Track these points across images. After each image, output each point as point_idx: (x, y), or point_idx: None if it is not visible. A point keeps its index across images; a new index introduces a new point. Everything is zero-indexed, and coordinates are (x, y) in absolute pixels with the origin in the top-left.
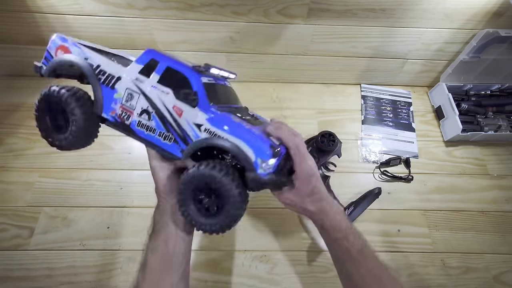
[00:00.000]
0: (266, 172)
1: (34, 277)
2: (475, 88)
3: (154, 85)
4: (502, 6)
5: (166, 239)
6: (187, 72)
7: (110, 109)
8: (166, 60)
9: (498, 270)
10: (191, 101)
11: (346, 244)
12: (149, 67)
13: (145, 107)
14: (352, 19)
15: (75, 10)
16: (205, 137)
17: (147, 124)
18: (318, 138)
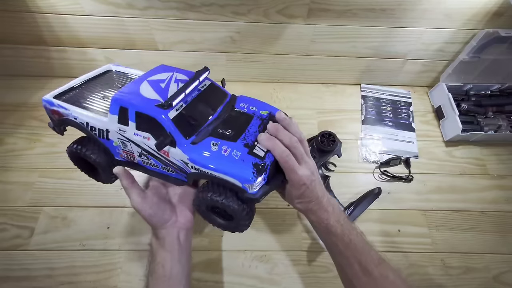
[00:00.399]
0: (256, 190)
1: (34, 277)
2: (475, 88)
3: (135, 132)
4: (502, 6)
5: (163, 262)
6: (155, 114)
7: (118, 154)
8: (133, 105)
9: (498, 270)
10: (170, 143)
11: (334, 239)
12: (123, 115)
13: (139, 151)
14: (352, 19)
15: (75, 10)
16: (194, 171)
17: (149, 162)
18: (318, 138)
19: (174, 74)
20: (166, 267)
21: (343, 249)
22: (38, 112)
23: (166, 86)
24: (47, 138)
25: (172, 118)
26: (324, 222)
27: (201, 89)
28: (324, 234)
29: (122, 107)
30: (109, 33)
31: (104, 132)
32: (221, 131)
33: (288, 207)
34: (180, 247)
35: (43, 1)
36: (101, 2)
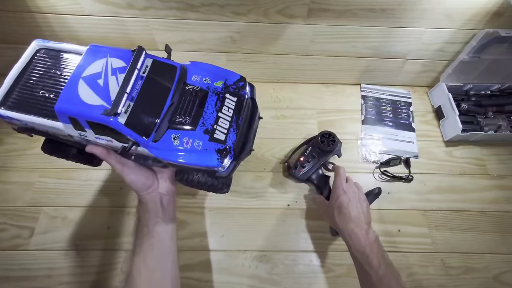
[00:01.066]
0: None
1: (34, 277)
2: (475, 88)
3: (96, 137)
4: (502, 6)
5: (147, 223)
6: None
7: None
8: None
9: (498, 270)
10: (133, 144)
11: (368, 269)
12: (75, 123)
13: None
14: (352, 19)
15: (75, 10)
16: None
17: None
18: (318, 138)
19: (109, 61)
20: (149, 227)
21: (375, 282)
22: None
23: (105, 82)
24: None
25: (124, 123)
26: (362, 249)
27: (144, 75)
28: (359, 262)
29: (71, 117)
30: (109, 33)
31: (68, 136)
32: (179, 119)
33: (288, 207)
34: (163, 209)
35: (43, 1)
36: (101, 2)
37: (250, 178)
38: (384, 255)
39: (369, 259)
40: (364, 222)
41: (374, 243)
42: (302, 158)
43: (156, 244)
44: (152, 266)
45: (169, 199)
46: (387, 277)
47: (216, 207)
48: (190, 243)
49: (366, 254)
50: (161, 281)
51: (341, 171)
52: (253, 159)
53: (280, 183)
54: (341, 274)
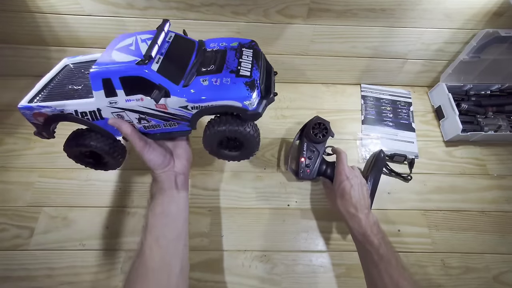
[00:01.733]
0: (255, 106)
1: (34, 277)
2: (475, 88)
3: (126, 99)
4: (502, 6)
5: (161, 202)
6: (139, 73)
7: (117, 132)
8: (114, 73)
9: (498, 270)
10: (164, 94)
11: (369, 248)
12: (108, 87)
13: (137, 116)
14: (352, 19)
15: (75, 10)
16: (196, 111)
17: (150, 124)
18: (310, 132)
19: (137, 36)
20: (164, 206)
21: (377, 260)
22: None
23: (136, 47)
24: None
25: (156, 71)
26: (362, 230)
27: (170, 41)
28: (360, 242)
29: (104, 79)
30: (109, 33)
31: (96, 112)
32: (205, 69)
33: (288, 207)
34: (177, 189)
35: (43, 1)
36: (101, 2)
37: (250, 178)
38: (384, 236)
39: (369, 238)
40: (364, 206)
41: (374, 225)
42: (302, 159)
43: (169, 223)
44: (164, 246)
45: (183, 180)
46: (387, 255)
47: (216, 207)
48: (190, 243)
49: (367, 234)
50: (172, 262)
51: (343, 156)
52: (253, 159)
53: (280, 183)
54: (341, 274)
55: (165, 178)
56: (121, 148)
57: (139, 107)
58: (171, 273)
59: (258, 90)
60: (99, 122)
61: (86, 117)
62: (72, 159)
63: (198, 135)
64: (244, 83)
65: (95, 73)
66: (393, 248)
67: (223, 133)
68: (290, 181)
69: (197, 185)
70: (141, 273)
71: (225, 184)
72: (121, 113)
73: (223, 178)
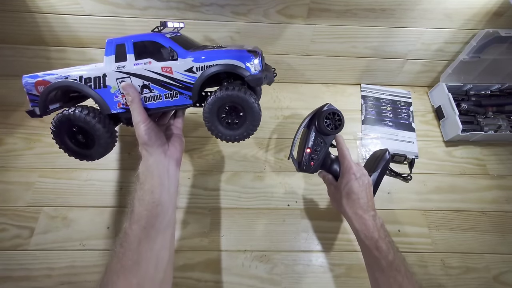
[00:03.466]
0: (257, 71)
1: (34, 277)
2: (475, 88)
3: (135, 63)
4: (502, 6)
5: (152, 189)
6: (152, 37)
7: (115, 103)
8: (129, 39)
9: (498, 270)
10: (172, 56)
11: (377, 254)
12: (120, 52)
13: (140, 83)
14: (352, 19)
15: (75, 10)
16: (200, 73)
17: (151, 95)
18: (322, 122)
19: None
20: (155, 194)
21: (385, 266)
22: None
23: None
24: (47, 138)
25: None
26: (370, 234)
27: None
28: (367, 247)
29: (118, 44)
30: (109, 33)
31: (101, 79)
32: (211, 46)
33: (288, 207)
34: (169, 177)
35: (43, 1)
36: (101, 2)
37: (250, 178)
38: (391, 239)
39: (378, 243)
40: (371, 208)
41: (381, 228)
42: (309, 150)
43: (161, 213)
44: (153, 237)
45: (175, 169)
46: (396, 262)
47: (216, 207)
48: (190, 243)
49: (375, 239)
50: (160, 254)
51: (346, 152)
52: (253, 159)
53: (280, 183)
54: (340, 274)
55: (157, 162)
56: (112, 128)
57: (145, 71)
58: (159, 265)
59: (259, 59)
60: (99, 91)
61: (89, 83)
62: (57, 139)
63: (194, 135)
64: (247, 50)
65: (111, 40)
66: (400, 252)
67: (229, 98)
68: (290, 181)
69: (197, 185)
70: (126, 264)
71: (225, 184)
72: (125, 79)
73: (223, 178)
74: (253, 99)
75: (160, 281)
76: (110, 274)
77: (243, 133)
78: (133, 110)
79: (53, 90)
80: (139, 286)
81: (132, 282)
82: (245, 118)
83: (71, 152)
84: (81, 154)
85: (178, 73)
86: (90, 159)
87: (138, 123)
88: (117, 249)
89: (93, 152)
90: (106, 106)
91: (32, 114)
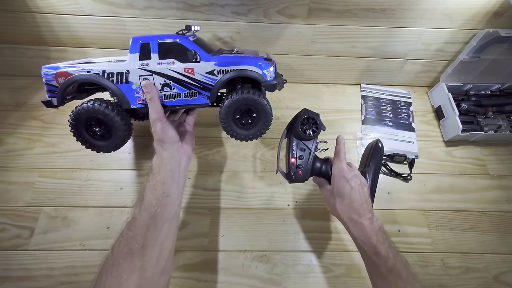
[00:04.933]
0: (272, 78)
1: (34, 277)
2: (475, 88)
3: (158, 62)
4: (502, 6)
5: (164, 180)
6: (178, 39)
7: (135, 99)
8: (154, 38)
9: (498, 270)
10: (195, 59)
11: (376, 260)
12: (145, 50)
13: (162, 82)
14: (352, 19)
15: (75, 10)
16: (220, 76)
17: (171, 93)
18: (298, 129)
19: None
20: (166, 186)
21: (385, 272)
22: (38, 112)
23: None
24: (47, 138)
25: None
26: (368, 240)
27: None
28: (366, 253)
29: (143, 43)
30: (109, 33)
31: (123, 75)
32: (229, 51)
33: (288, 207)
34: (179, 171)
35: (43, 1)
36: (101, 2)
37: (250, 178)
38: (391, 243)
39: (376, 249)
40: (367, 210)
41: (379, 232)
42: (293, 159)
43: (170, 204)
44: (160, 225)
45: (185, 164)
46: (397, 267)
47: (216, 207)
48: (190, 243)
49: (373, 244)
50: (164, 243)
51: (342, 155)
52: (253, 159)
53: (280, 183)
54: (340, 274)
55: (170, 156)
56: (129, 120)
57: (168, 70)
58: (162, 254)
59: (274, 67)
60: (121, 86)
61: (111, 78)
62: (75, 131)
63: (194, 135)
64: (264, 58)
65: (136, 38)
66: (401, 255)
67: (244, 101)
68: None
69: (197, 185)
70: (133, 247)
71: (225, 184)
72: (148, 77)
73: (223, 178)
74: (265, 101)
75: (162, 270)
76: (117, 256)
77: (257, 132)
78: (151, 108)
79: (74, 82)
80: (142, 269)
81: (137, 265)
82: (258, 118)
83: (88, 144)
84: (97, 146)
85: (200, 74)
86: (106, 151)
87: (155, 121)
88: (125, 232)
89: (110, 143)
90: (127, 100)
91: (48, 104)
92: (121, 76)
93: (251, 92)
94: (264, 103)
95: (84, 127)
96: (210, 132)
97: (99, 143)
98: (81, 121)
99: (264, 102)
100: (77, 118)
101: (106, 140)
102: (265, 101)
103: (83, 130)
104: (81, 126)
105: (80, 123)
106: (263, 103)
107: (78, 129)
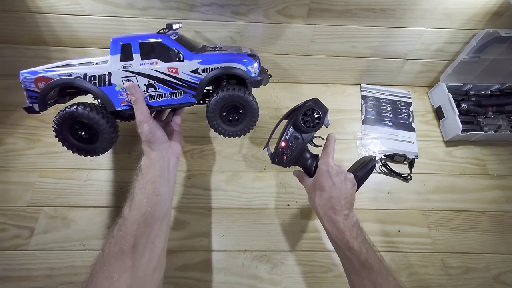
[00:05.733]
0: (256, 74)
1: (34, 277)
2: (475, 88)
3: (141, 62)
4: (502, 6)
5: (153, 180)
6: (159, 38)
7: (119, 101)
8: (135, 38)
9: (498, 270)
10: (178, 58)
11: (349, 255)
12: (126, 51)
13: (146, 82)
14: (352, 19)
15: (75, 10)
16: (205, 74)
17: (156, 94)
18: (299, 118)
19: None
20: (156, 184)
21: (358, 267)
22: None
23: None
24: (47, 138)
25: (174, 39)
26: (341, 235)
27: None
28: (340, 248)
29: (124, 44)
30: (109, 33)
31: (106, 77)
32: (212, 48)
33: (288, 207)
34: (169, 170)
35: (43, 1)
36: (101, 2)
37: (250, 178)
38: (366, 238)
39: (349, 244)
40: (344, 207)
41: (353, 227)
42: (283, 143)
43: (160, 202)
44: (151, 224)
45: (175, 163)
46: (369, 261)
47: (216, 207)
48: (190, 243)
49: (345, 239)
50: (156, 241)
51: (330, 150)
52: (253, 159)
53: (280, 183)
54: (340, 274)
55: (159, 156)
56: (115, 122)
57: (151, 70)
58: (154, 252)
59: (258, 63)
60: (104, 89)
61: (93, 81)
62: (60, 137)
63: (194, 135)
64: (248, 54)
65: (116, 38)
66: (376, 251)
67: (231, 98)
68: (291, 181)
69: (197, 185)
70: (124, 247)
71: (225, 184)
72: (131, 78)
73: (223, 178)
74: (251, 97)
75: (154, 267)
76: (108, 256)
77: (244, 128)
78: (136, 109)
79: (56, 87)
80: (133, 268)
81: (128, 264)
82: (245, 115)
83: (75, 148)
84: (85, 150)
85: (184, 73)
86: (94, 154)
87: (141, 122)
88: (115, 232)
89: (97, 146)
90: (111, 103)
91: (30, 110)
92: (103, 78)
93: (237, 89)
94: (250, 100)
95: (69, 131)
96: (210, 132)
97: (86, 147)
98: (65, 126)
99: (250, 99)
100: (61, 123)
101: (93, 143)
102: (250, 97)
103: (68, 135)
104: (66, 131)
105: (65, 128)
106: (249, 99)
107: (63, 134)
